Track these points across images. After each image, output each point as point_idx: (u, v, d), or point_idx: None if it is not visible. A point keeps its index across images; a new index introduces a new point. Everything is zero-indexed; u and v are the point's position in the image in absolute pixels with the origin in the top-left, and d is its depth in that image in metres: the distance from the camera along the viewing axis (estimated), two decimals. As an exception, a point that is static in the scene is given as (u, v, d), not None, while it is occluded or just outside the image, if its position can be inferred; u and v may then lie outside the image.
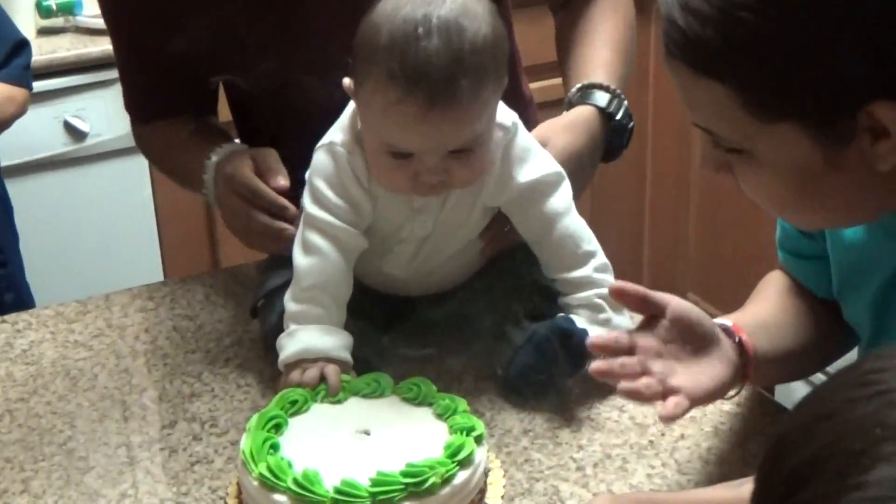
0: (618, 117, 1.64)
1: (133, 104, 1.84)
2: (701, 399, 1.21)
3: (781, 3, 1.02)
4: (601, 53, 1.72)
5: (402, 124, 1.35)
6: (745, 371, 1.27)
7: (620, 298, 1.29)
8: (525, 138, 1.50)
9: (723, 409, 1.43)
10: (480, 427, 1.30)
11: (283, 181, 1.54)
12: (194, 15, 1.61)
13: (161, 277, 3.11)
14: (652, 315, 1.25)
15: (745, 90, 1.06)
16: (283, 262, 1.56)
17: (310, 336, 1.44)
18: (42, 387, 1.56)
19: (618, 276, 1.76)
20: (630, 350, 1.22)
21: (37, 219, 2.71)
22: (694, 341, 1.23)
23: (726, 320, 1.30)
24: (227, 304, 1.74)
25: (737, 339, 1.27)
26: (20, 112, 2.40)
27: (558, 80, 1.76)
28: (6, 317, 1.75)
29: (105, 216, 3.05)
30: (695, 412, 1.41)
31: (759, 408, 1.43)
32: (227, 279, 1.83)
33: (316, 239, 1.46)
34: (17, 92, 2.37)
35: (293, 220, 1.52)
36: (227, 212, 1.60)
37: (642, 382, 1.18)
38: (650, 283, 3.70)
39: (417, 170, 1.39)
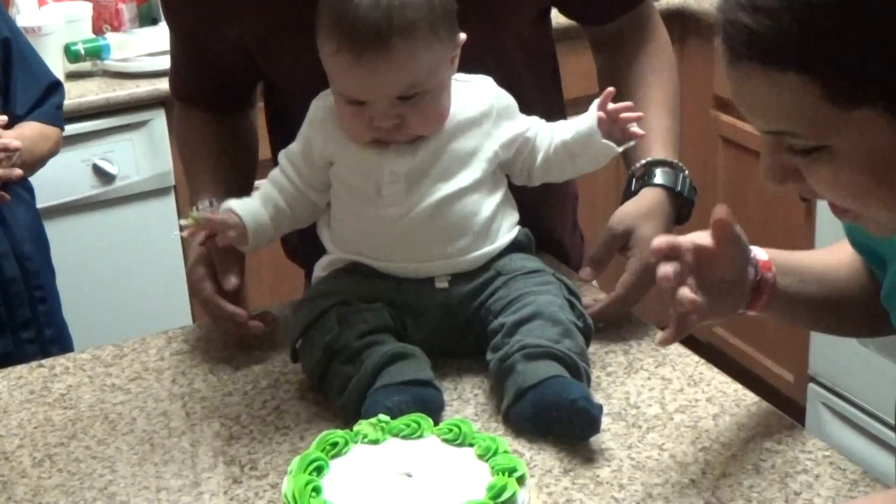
0: (685, 194, 1.72)
1: (175, 82, 1.95)
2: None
3: None
4: (660, 121, 1.78)
5: (340, 72, 1.52)
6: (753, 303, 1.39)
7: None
8: (505, 97, 1.63)
9: (764, 447, 1.42)
10: (522, 468, 1.29)
11: (233, 280, 1.68)
12: (244, 11, 1.69)
13: (189, 316, 3.12)
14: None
15: (824, 76, 1.03)
16: (312, 297, 1.63)
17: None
18: (81, 431, 1.56)
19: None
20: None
21: (68, 259, 2.72)
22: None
23: (763, 253, 1.39)
24: (262, 345, 1.73)
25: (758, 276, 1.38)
26: (54, 150, 2.42)
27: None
28: (43, 361, 1.75)
29: (134, 256, 3.08)
30: (736, 450, 1.41)
31: (800, 446, 1.42)
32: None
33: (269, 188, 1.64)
34: (51, 131, 2.40)
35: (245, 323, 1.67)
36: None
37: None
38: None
39: (371, 115, 1.53)
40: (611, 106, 1.56)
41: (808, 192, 1.15)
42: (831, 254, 1.49)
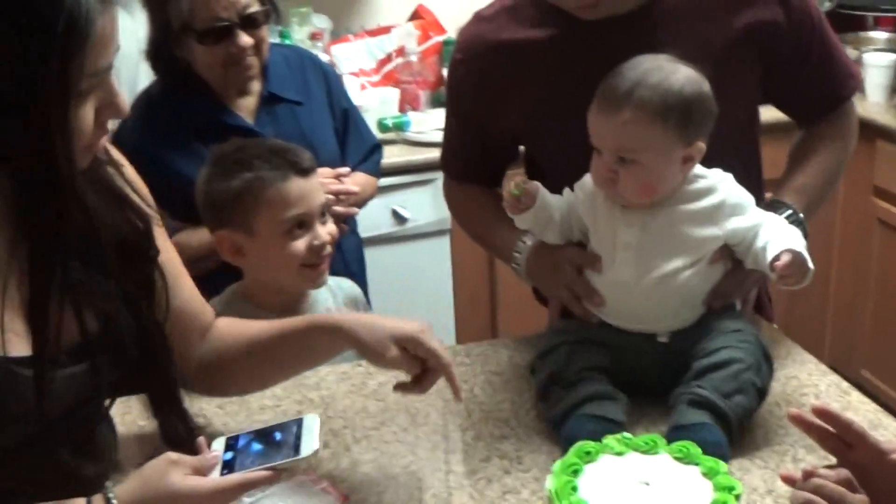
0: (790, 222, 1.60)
1: (449, 162, 1.91)
2: None
3: None
4: (803, 178, 1.72)
5: (591, 119, 1.49)
6: None
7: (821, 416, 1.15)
8: (738, 195, 1.52)
9: None
10: (740, 487, 1.24)
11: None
12: (515, 101, 1.67)
13: (452, 331, 3.12)
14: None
15: None
16: (553, 332, 1.59)
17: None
18: (389, 420, 1.56)
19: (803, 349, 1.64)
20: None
21: (372, 278, 2.75)
22: None
23: None
24: (526, 363, 1.70)
25: None
26: (373, 195, 2.44)
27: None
28: (361, 362, 1.75)
29: (415, 281, 3.09)
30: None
31: None
32: (527, 345, 1.78)
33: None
34: (372, 180, 2.41)
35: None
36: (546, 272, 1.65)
37: None
38: (830, 359, 3.52)
39: (600, 164, 1.48)
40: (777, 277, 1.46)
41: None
42: None
